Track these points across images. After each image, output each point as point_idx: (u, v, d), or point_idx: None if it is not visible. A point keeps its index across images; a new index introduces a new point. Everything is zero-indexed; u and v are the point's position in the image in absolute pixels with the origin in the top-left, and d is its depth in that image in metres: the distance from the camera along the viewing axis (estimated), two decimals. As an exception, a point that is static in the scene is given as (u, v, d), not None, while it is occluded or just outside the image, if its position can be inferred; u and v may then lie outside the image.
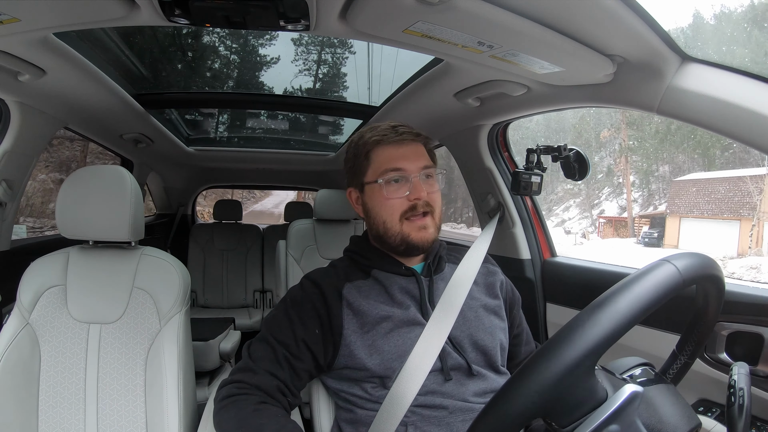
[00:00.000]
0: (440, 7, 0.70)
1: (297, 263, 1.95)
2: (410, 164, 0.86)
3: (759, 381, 0.90)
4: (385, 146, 0.88)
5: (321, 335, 0.84)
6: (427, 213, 0.87)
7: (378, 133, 0.88)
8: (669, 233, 19.61)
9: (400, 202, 0.85)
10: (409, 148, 0.88)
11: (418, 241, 0.86)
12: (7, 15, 0.78)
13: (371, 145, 0.88)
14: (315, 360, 0.84)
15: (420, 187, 0.85)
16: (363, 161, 0.89)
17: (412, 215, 0.86)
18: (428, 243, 0.87)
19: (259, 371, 0.81)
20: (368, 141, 0.89)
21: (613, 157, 28.30)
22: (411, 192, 0.85)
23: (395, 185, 0.86)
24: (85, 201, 1.07)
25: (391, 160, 0.86)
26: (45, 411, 1.03)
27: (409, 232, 0.86)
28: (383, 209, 0.87)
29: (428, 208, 0.86)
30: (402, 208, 0.85)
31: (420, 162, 0.87)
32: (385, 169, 0.86)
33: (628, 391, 0.45)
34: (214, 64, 2.02)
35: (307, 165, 2.99)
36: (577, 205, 27.83)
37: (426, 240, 0.87)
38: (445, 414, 0.80)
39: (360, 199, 0.93)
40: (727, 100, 0.78)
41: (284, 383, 0.81)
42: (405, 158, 0.86)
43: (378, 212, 0.88)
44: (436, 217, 0.88)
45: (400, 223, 0.86)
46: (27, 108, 1.32)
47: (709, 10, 29.34)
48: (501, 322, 0.92)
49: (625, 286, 0.46)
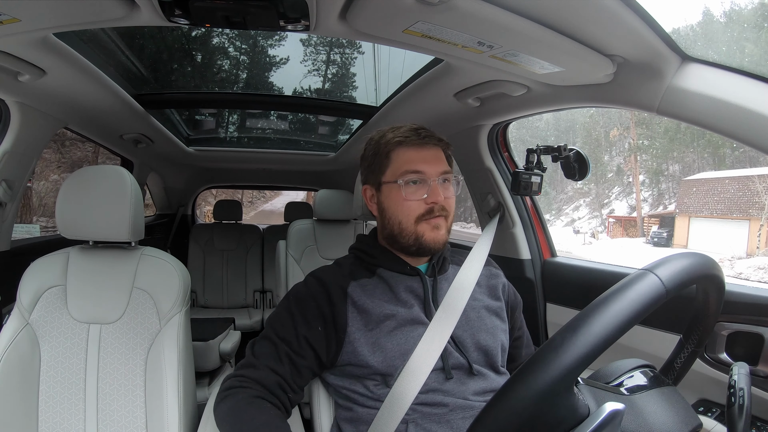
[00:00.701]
0: (440, 7, 0.70)
1: (297, 263, 1.95)
2: (430, 168, 0.87)
3: (759, 381, 0.90)
4: (406, 148, 0.88)
5: (324, 332, 0.85)
6: (441, 216, 0.87)
7: (401, 134, 0.89)
8: (678, 233, 19.57)
9: (417, 204, 0.86)
10: (430, 152, 0.88)
11: (430, 241, 0.87)
12: (7, 15, 0.78)
13: (393, 146, 0.89)
14: (317, 357, 0.85)
15: (438, 191, 0.86)
16: (383, 160, 0.90)
17: (429, 218, 0.87)
18: (440, 244, 0.88)
19: (260, 366, 0.82)
20: (390, 141, 0.89)
21: (622, 156, 28.28)
22: (429, 195, 0.86)
23: (413, 187, 0.87)
24: (85, 201, 1.07)
25: (412, 162, 0.87)
26: (45, 411, 1.03)
27: (424, 232, 0.87)
28: (400, 210, 0.88)
29: (443, 212, 0.87)
30: (419, 210, 0.86)
31: (439, 166, 0.88)
32: (405, 171, 0.87)
33: (607, 410, 0.44)
34: (216, 64, 2.02)
35: (307, 165, 2.99)
36: (587, 205, 27.83)
37: (438, 241, 0.87)
38: (445, 411, 0.81)
39: (375, 197, 0.94)
40: (727, 100, 0.78)
41: (284, 379, 0.82)
42: (425, 161, 0.87)
43: (394, 212, 0.89)
44: (449, 221, 0.90)
45: (416, 224, 0.87)
46: (27, 108, 1.33)
47: (719, 8, 29.21)
48: (502, 323, 0.94)
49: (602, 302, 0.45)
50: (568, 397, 0.45)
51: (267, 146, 2.79)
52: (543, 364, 0.43)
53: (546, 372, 0.42)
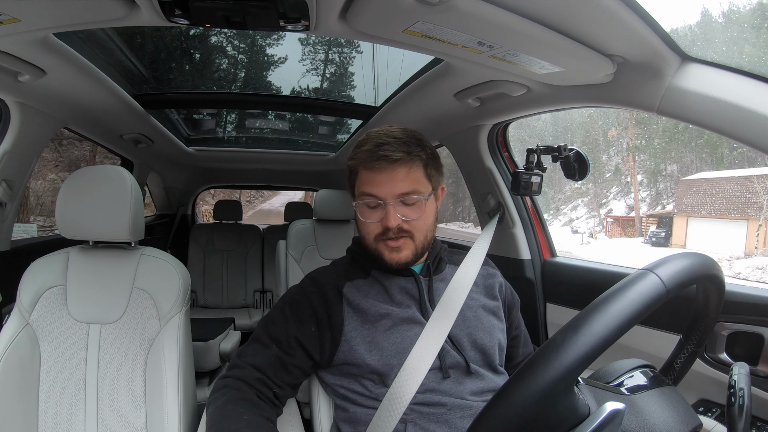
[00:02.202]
0: (440, 7, 0.70)
1: (297, 263, 1.95)
2: (384, 191, 0.83)
3: (759, 381, 0.90)
4: (364, 169, 0.86)
5: (317, 332, 0.86)
6: (402, 237, 0.85)
7: (362, 152, 0.86)
8: (676, 233, 19.57)
9: (374, 225, 0.86)
10: (385, 174, 0.83)
11: (390, 262, 0.87)
12: (7, 15, 0.78)
13: (356, 164, 0.88)
14: (308, 357, 0.86)
15: (391, 215, 0.83)
16: (353, 177, 0.90)
17: (385, 239, 0.86)
18: (401, 265, 0.87)
19: (243, 366, 0.84)
20: (353, 158, 0.88)
21: (620, 156, 28.27)
22: (383, 218, 0.84)
23: (370, 210, 0.86)
24: (85, 201, 1.07)
25: (367, 184, 0.85)
26: (45, 411, 1.02)
27: (382, 252, 0.87)
28: (362, 228, 0.89)
29: (403, 233, 0.85)
30: (376, 231, 0.86)
31: (396, 188, 0.83)
32: (361, 192, 0.86)
33: (608, 410, 0.44)
34: (215, 64, 2.01)
35: (307, 165, 2.99)
36: (585, 205, 27.82)
37: (399, 261, 0.86)
38: (443, 411, 0.81)
39: None
40: (727, 100, 0.78)
41: (266, 375, 0.83)
42: (379, 185, 0.84)
43: (360, 229, 0.90)
44: (417, 240, 0.87)
45: (375, 242, 0.87)
46: (27, 108, 1.32)
47: (717, 9, 29.20)
48: (499, 322, 0.94)
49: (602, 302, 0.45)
50: (568, 397, 0.45)
51: (267, 146, 2.79)
52: (544, 364, 0.43)
53: (547, 371, 0.42)
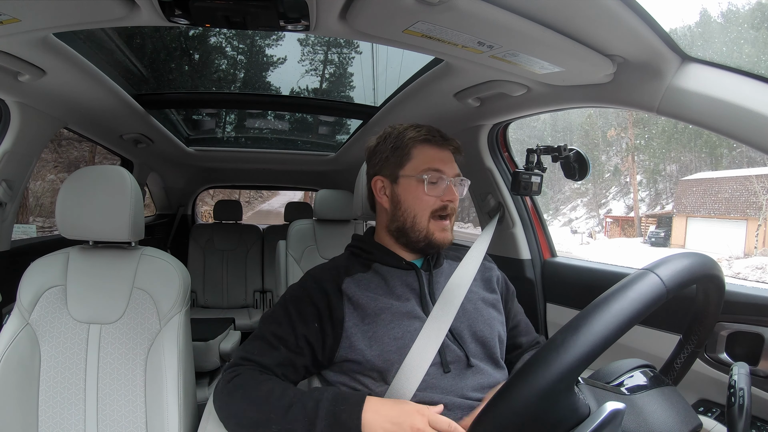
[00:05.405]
0: (440, 7, 0.70)
1: (297, 263, 1.95)
2: (449, 169, 0.93)
3: (759, 381, 0.90)
4: (430, 146, 0.93)
5: (320, 329, 0.86)
6: (449, 216, 0.93)
7: (424, 132, 0.94)
8: (676, 233, 19.55)
9: (434, 200, 0.91)
10: (446, 153, 0.94)
11: (440, 241, 0.92)
12: (7, 15, 0.78)
13: (416, 142, 0.93)
14: (313, 355, 0.86)
15: (453, 191, 0.92)
16: (403, 155, 0.93)
17: (441, 215, 0.92)
18: (447, 244, 0.93)
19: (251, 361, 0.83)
20: (414, 138, 0.93)
21: (620, 156, 28.28)
22: (445, 194, 0.91)
23: (432, 185, 0.91)
24: (85, 201, 1.07)
25: (435, 160, 0.92)
26: (45, 411, 1.02)
27: (434, 231, 0.91)
28: (417, 203, 0.91)
29: (453, 212, 0.93)
30: (434, 206, 0.91)
31: (456, 169, 0.94)
32: (428, 168, 0.91)
33: (608, 409, 0.44)
34: (216, 64, 2.01)
35: (307, 165, 2.99)
36: (584, 205, 27.80)
37: (446, 241, 0.93)
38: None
39: (386, 189, 0.96)
40: (727, 100, 0.78)
41: (274, 374, 0.82)
42: (445, 162, 0.93)
43: (411, 205, 0.92)
44: (453, 221, 0.95)
45: (428, 220, 0.91)
46: (27, 108, 1.32)
47: (716, 9, 29.22)
48: (499, 315, 0.95)
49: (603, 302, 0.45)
50: (568, 397, 0.45)
51: (267, 146, 2.79)
52: (544, 364, 0.43)
53: (547, 371, 0.42)
